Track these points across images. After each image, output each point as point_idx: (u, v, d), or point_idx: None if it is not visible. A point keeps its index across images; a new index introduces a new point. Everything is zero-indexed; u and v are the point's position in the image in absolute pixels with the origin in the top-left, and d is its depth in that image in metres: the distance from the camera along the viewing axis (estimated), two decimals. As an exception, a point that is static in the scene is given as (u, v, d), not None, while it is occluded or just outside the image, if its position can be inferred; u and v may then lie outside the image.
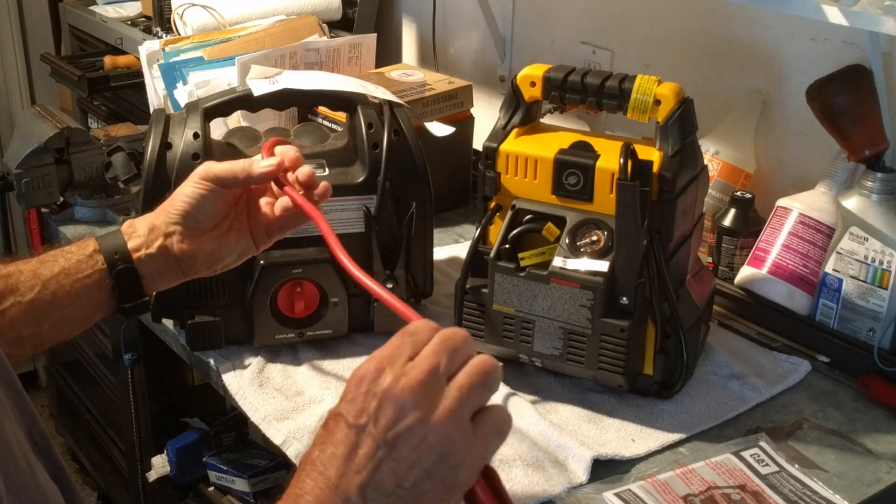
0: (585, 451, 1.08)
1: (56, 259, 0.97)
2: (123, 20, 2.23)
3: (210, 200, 0.99)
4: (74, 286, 0.95)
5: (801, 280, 1.33)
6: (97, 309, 0.97)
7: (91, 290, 0.96)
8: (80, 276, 0.96)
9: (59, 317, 0.94)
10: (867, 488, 1.07)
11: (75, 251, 0.98)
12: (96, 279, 0.96)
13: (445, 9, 2.01)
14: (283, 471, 1.68)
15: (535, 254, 1.16)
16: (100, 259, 0.97)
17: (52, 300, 0.93)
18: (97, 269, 0.96)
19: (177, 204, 0.99)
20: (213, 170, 0.99)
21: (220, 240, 1.00)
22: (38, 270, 0.95)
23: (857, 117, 1.26)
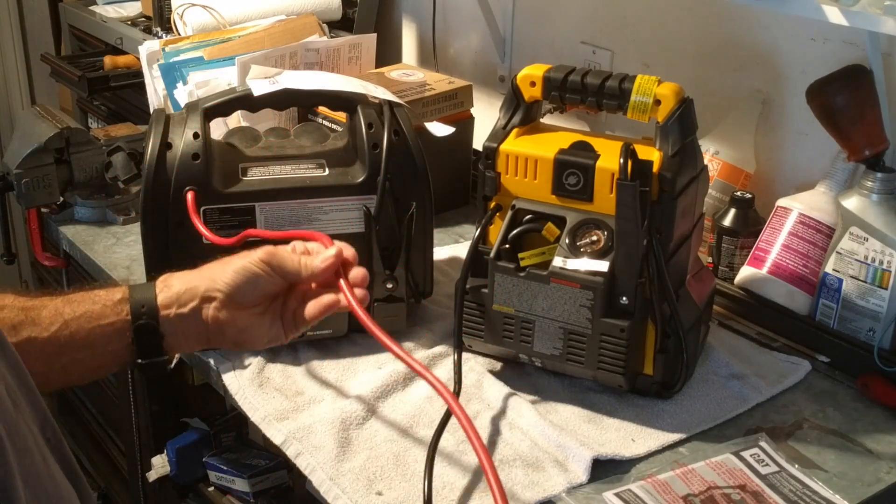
0: (585, 451, 1.08)
1: (82, 300, 0.93)
2: (123, 20, 2.23)
3: (262, 283, 0.96)
4: (94, 332, 0.91)
5: (801, 280, 1.33)
6: (112, 359, 0.93)
7: (109, 339, 0.92)
8: (102, 323, 0.92)
9: (71, 360, 0.90)
10: (867, 488, 1.07)
11: (103, 296, 0.94)
12: (117, 329, 0.92)
13: (445, 9, 2.01)
14: (283, 471, 1.68)
15: (535, 254, 1.16)
16: (125, 308, 0.93)
17: (69, 341, 0.90)
18: (120, 318, 0.92)
19: (228, 274, 0.95)
20: (279, 259, 0.96)
21: (254, 319, 0.96)
22: (61, 308, 0.92)
23: (857, 117, 1.26)
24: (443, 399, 0.86)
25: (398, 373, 1.22)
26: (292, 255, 0.98)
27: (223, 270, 0.96)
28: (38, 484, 0.67)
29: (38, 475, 0.68)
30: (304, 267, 0.96)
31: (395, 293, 1.28)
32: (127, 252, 1.57)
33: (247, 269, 0.95)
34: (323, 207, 1.25)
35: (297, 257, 0.97)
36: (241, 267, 0.96)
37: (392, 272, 1.27)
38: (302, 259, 0.97)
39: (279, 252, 0.97)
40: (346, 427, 1.13)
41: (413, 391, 1.21)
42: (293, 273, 0.96)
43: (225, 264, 0.96)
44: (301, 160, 1.28)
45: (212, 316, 0.95)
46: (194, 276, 0.97)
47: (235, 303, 0.95)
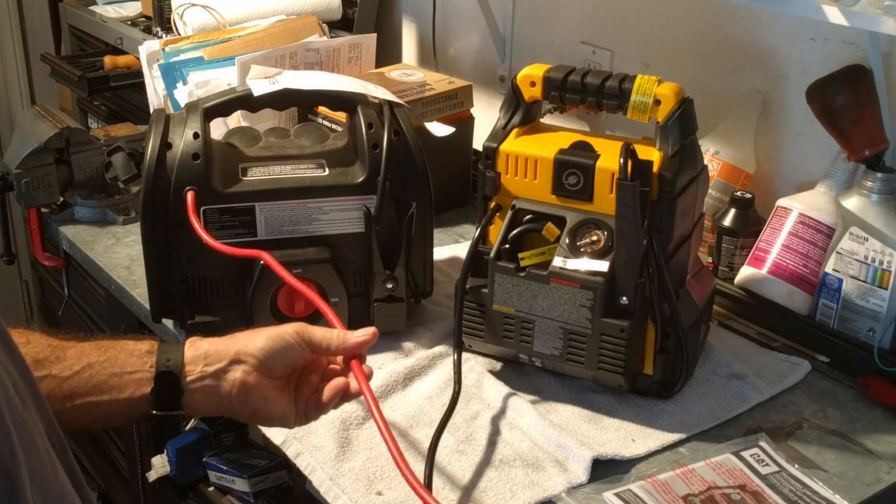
0: (585, 451, 1.08)
1: (110, 347, 0.93)
2: (123, 20, 2.24)
3: (293, 354, 0.95)
4: (115, 378, 0.90)
5: (801, 280, 1.33)
6: (127, 408, 0.91)
7: (128, 387, 0.91)
8: (125, 370, 0.91)
9: (86, 403, 0.89)
10: (867, 488, 1.07)
11: (131, 345, 0.93)
12: (138, 379, 0.91)
13: (445, 9, 2.01)
14: (283, 471, 1.68)
15: (535, 254, 1.16)
16: (151, 360, 0.92)
17: (87, 383, 0.89)
18: (144, 368, 0.91)
19: (262, 339, 0.94)
20: (310, 332, 0.95)
21: (276, 393, 0.95)
22: (87, 351, 0.91)
23: (857, 117, 1.26)
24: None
25: (398, 373, 1.22)
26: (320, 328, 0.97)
27: (255, 337, 0.95)
28: (44, 482, 0.68)
29: (45, 474, 0.68)
30: (335, 339, 0.96)
31: (395, 293, 1.28)
32: (127, 252, 1.57)
33: (280, 337, 0.94)
34: (323, 207, 1.25)
35: (325, 330, 0.96)
36: (276, 334, 0.95)
37: (392, 272, 1.27)
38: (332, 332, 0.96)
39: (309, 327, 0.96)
40: (346, 427, 1.13)
41: (413, 391, 1.21)
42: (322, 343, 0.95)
43: (257, 332, 0.96)
44: (301, 160, 1.28)
45: (240, 379, 0.93)
46: (225, 340, 0.96)
47: (266, 369, 0.94)
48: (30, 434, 0.67)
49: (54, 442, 0.74)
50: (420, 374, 1.23)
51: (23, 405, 0.69)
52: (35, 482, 0.65)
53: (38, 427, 0.71)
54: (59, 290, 2.41)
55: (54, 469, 0.70)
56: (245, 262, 1.20)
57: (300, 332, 0.95)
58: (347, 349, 0.96)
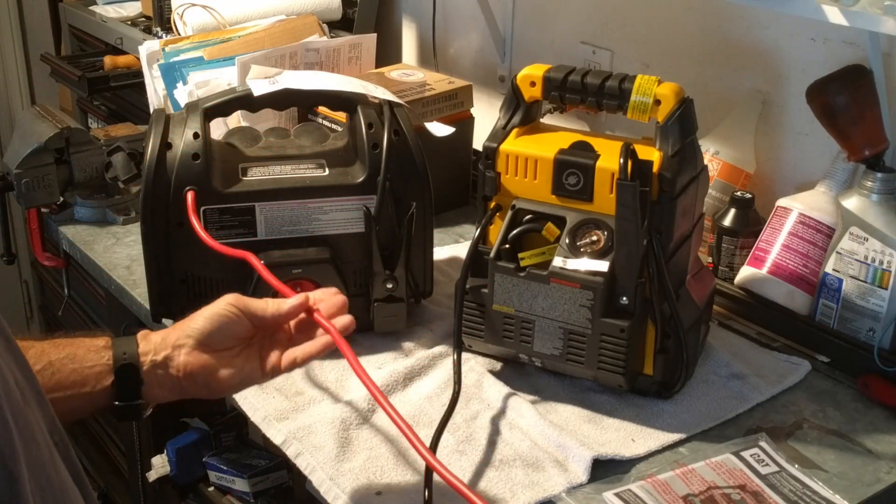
0: (585, 451, 1.08)
1: (67, 344, 0.96)
2: (123, 20, 2.23)
3: (233, 327, 0.98)
4: (75, 373, 0.94)
5: (801, 280, 1.33)
6: (90, 402, 0.95)
7: (89, 380, 0.95)
8: (85, 365, 0.95)
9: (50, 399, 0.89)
10: (867, 488, 1.07)
11: (87, 342, 0.97)
12: (97, 372, 0.95)
13: (445, 9, 2.01)
14: (283, 471, 1.68)
15: (535, 254, 1.16)
16: (108, 354, 0.96)
17: (50, 380, 0.92)
18: (102, 362, 0.95)
19: (197, 321, 0.99)
20: (245, 302, 0.99)
21: (226, 361, 0.99)
22: (47, 349, 0.94)
23: (857, 117, 1.26)
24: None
25: (398, 373, 1.22)
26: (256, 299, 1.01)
27: (194, 319, 0.99)
28: (43, 476, 0.68)
29: (45, 468, 0.69)
30: (272, 307, 1.00)
31: (395, 293, 1.28)
32: (127, 252, 1.57)
33: (215, 314, 0.98)
34: (323, 207, 1.25)
35: (261, 300, 1.00)
36: (211, 313, 0.99)
37: (392, 272, 1.27)
38: (267, 300, 1.01)
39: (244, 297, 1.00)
40: (346, 427, 1.13)
41: (413, 391, 1.21)
42: (259, 312, 0.99)
43: (196, 314, 1.00)
44: (301, 160, 1.28)
45: (183, 363, 0.97)
46: (169, 329, 1.00)
47: (205, 346, 0.98)
48: (29, 428, 0.68)
49: (56, 440, 0.75)
50: (420, 374, 1.23)
51: (23, 400, 0.69)
52: (34, 476, 0.66)
53: (40, 423, 0.71)
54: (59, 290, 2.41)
55: (55, 464, 0.71)
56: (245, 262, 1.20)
57: (235, 304, 0.99)
58: (283, 315, 1.00)
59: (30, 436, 0.67)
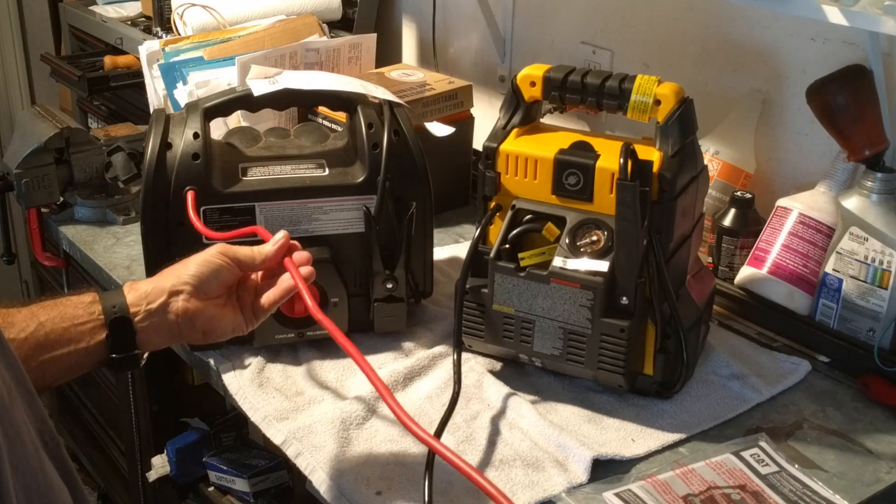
0: (585, 451, 1.08)
1: (55, 304, 0.98)
2: (123, 20, 2.24)
3: (223, 273, 1.03)
4: (69, 331, 0.96)
5: (801, 280, 1.33)
6: (86, 357, 0.97)
7: (83, 336, 0.97)
8: (76, 322, 0.97)
9: (48, 358, 0.94)
10: (867, 488, 1.07)
11: (74, 299, 0.99)
12: (90, 327, 0.97)
13: (445, 9, 2.01)
14: (283, 471, 1.68)
15: (535, 254, 1.16)
16: (97, 309, 0.98)
17: (45, 341, 0.94)
18: (93, 317, 0.97)
19: (192, 267, 1.02)
20: (233, 251, 1.04)
21: (218, 310, 1.03)
22: (35, 311, 0.96)
23: (857, 117, 1.26)
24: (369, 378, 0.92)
25: (398, 373, 1.22)
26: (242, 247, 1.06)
27: (186, 266, 1.03)
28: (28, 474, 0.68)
29: (30, 467, 0.68)
30: (257, 253, 1.05)
31: (395, 293, 1.28)
32: (127, 252, 1.57)
33: (208, 261, 1.03)
34: (323, 207, 1.25)
35: (247, 248, 1.06)
36: (203, 260, 1.03)
37: (392, 272, 1.27)
38: (253, 248, 1.06)
39: (231, 245, 1.06)
40: (346, 427, 1.13)
41: (413, 391, 1.21)
42: (247, 259, 1.04)
43: (185, 262, 1.04)
44: (301, 160, 1.28)
45: (181, 308, 1.00)
46: (158, 278, 1.03)
47: (202, 293, 1.02)
48: (14, 425, 0.68)
49: (47, 439, 0.75)
50: (420, 374, 1.23)
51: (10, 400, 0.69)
52: (18, 474, 0.66)
53: (27, 423, 0.71)
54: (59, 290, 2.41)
55: (41, 465, 0.71)
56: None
57: (224, 252, 1.04)
58: (271, 258, 1.05)
59: (15, 435, 0.67)
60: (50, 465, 0.73)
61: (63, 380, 0.98)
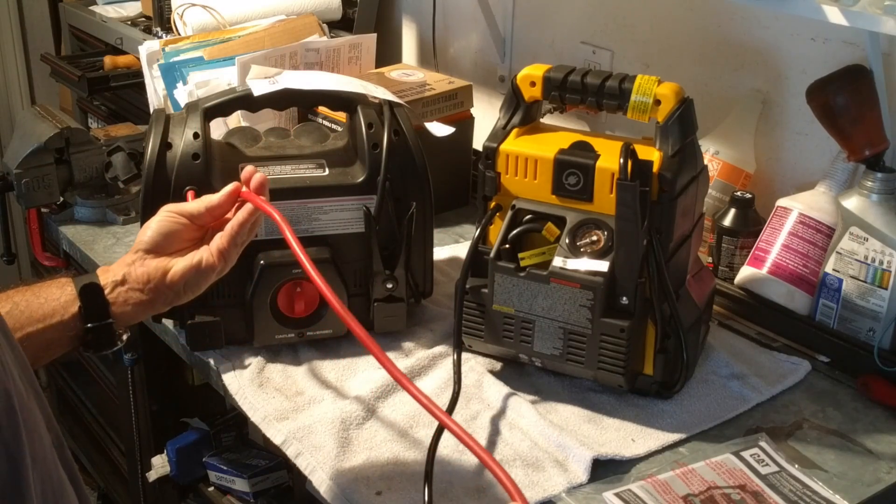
0: (585, 451, 1.08)
1: (29, 287, 1.01)
2: (123, 20, 2.23)
3: (174, 229, 1.05)
4: (43, 306, 0.99)
5: (801, 280, 1.33)
6: (62, 330, 0.99)
7: (57, 310, 0.99)
8: (50, 299, 0.99)
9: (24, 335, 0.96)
10: (867, 488, 1.07)
11: (49, 282, 1.02)
12: (63, 301, 1.00)
13: (445, 9, 2.01)
14: (283, 471, 1.68)
15: (535, 254, 1.16)
16: (69, 286, 1.01)
17: (20, 318, 0.96)
18: (66, 293, 1.00)
19: (143, 233, 1.05)
20: (181, 207, 1.07)
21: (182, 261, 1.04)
22: (10, 294, 0.99)
23: (857, 117, 1.26)
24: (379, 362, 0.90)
25: (398, 373, 1.22)
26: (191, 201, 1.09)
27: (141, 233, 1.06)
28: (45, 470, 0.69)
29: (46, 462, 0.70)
30: (205, 201, 1.07)
31: (395, 293, 1.28)
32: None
33: (155, 222, 1.05)
34: (323, 207, 1.25)
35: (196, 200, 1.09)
36: (153, 221, 1.06)
37: (392, 272, 1.27)
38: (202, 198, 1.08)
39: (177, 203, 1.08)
40: (346, 427, 1.13)
41: (413, 391, 1.21)
42: (195, 211, 1.07)
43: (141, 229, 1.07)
44: (301, 160, 1.28)
45: (139, 273, 1.03)
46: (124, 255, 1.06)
47: (158, 251, 1.04)
48: (34, 420, 0.68)
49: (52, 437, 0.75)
50: (420, 374, 1.23)
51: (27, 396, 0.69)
52: (37, 469, 0.67)
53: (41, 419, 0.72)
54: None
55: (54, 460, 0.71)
56: (245, 263, 1.20)
57: (171, 209, 1.07)
58: (217, 207, 1.07)
59: (33, 428, 0.68)
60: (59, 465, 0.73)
61: (42, 360, 1.00)
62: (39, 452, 0.68)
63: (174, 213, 1.06)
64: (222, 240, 1.05)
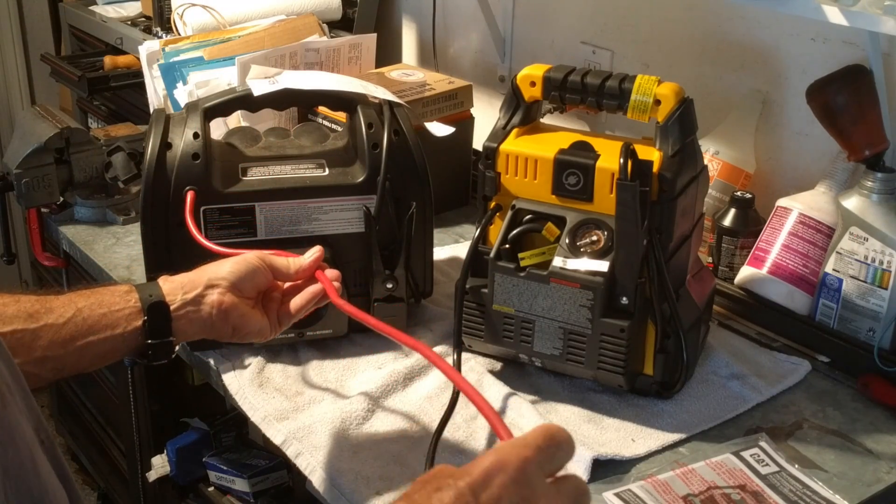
0: (585, 451, 1.08)
1: (92, 292, 1.00)
2: (123, 20, 2.24)
3: (259, 276, 1.06)
4: (106, 316, 0.98)
5: (801, 280, 1.33)
6: (122, 342, 0.99)
7: (120, 322, 0.99)
8: (113, 309, 0.99)
9: (85, 343, 0.96)
10: (867, 488, 1.07)
11: (111, 288, 1.02)
12: (127, 313, 1.00)
13: (445, 9, 2.01)
14: (283, 471, 1.68)
15: (535, 254, 1.16)
16: (134, 297, 1.00)
17: (83, 326, 0.97)
18: (130, 304, 1.00)
19: (229, 264, 1.05)
20: (270, 258, 1.08)
21: (249, 310, 1.05)
22: (73, 298, 0.99)
23: (857, 117, 1.26)
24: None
25: (398, 373, 1.22)
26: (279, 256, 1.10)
27: (223, 264, 1.06)
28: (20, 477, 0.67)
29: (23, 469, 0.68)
30: (293, 263, 1.08)
31: (395, 293, 1.28)
32: (127, 252, 1.57)
33: (246, 261, 1.06)
34: (323, 207, 1.25)
35: (283, 257, 1.09)
36: (241, 259, 1.06)
37: (392, 272, 1.27)
38: (289, 258, 1.09)
39: (267, 253, 1.09)
40: (346, 427, 1.13)
41: (413, 391, 1.21)
42: (282, 267, 1.08)
43: (222, 261, 1.07)
44: (301, 160, 1.28)
45: (216, 300, 1.03)
46: (195, 272, 1.06)
47: (237, 290, 1.04)
48: (9, 429, 0.67)
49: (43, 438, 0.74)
50: (420, 374, 1.23)
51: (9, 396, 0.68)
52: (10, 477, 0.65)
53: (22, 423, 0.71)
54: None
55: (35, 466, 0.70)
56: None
57: (262, 257, 1.07)
58: (305, 269, 1.08)
59: (8, 439, 0.67)
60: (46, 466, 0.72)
61: (98, 365, 1.00)
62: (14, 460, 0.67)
63: (264, 261, 1.07)
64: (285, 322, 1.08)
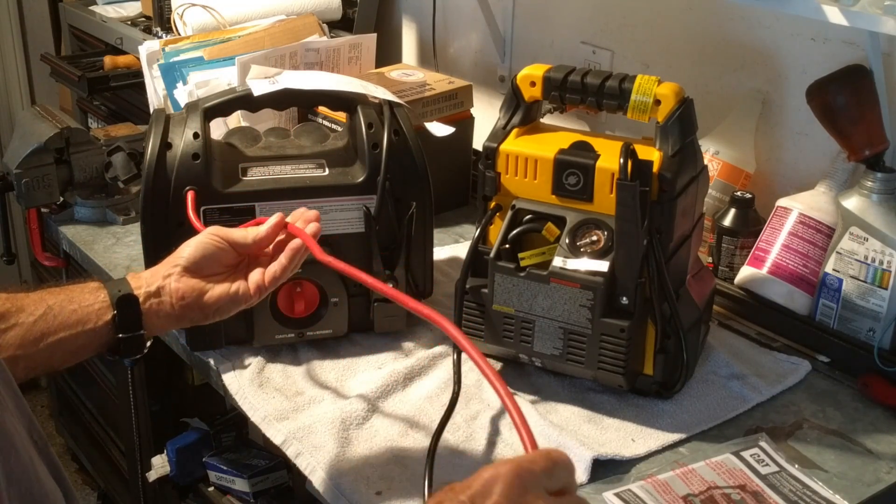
0: (585, 451, 1.08)
1: (62, 290, 1.01)
2: (123, 20, 2.23)
3: (216, 253, 1.06)
4: (76, 312, 0.99)
5: (801, 280, 1.33)
6: (93, 337, 1.00)
7: (90, 317, 1.00)
8: (83, 305, 1.00)
9: (56, 340, 0.97)
10: (867, 488, 1.07)
11: (81, 285, 1.03)
12: (97, 308, 1.01)
13: (445, 9, 2.01)
14: (283, 471, 1.68)
15: (535, 254, 1.16)
16: (103, 293, 1.02)
17: (53, 322, 0.97)
18: (99, 300, 1.01)
19: (184, 250, 1.06)
20: (227, 231, 1.08)
21: (218, 286, 1.05)
22: (44, 296, 0.99)
23: (857, 117, 1.26)
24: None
25: (398, 373, 1.22)
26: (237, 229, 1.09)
27: (181, 249, 1.07)
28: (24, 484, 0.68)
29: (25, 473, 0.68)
30: (251, 231, 1.08)
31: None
32: (127, 252, 1.57)
33: (200, 243, 1.06)
34: (323, 207, 1.25)
35: (241, 228, 1.09)
36: (196, 242, 1.06)
37: (392, 272, 1.27)
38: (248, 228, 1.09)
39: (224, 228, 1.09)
40: (346, 427, 1.13)
41: (413, 391, 1.21)
42: (240, 239, 1.07)
43: (183, 245, 1.07)
44: (301, 160, 1.28)
45: (174, 289, 1.04)
46: (159, 265, 1.07)
47: (194, 272, 1.05)
48: (7, 434, 0.67)
49: (36, 439, 0.74)
50: (420, 374, 1.23)
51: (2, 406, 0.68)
52: (13, 484, 0.66)
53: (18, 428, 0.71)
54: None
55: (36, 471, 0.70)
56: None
57: (216, 233, 1.07)
58: (263, 238, 1.07)
59: (9, 445, 0.67)
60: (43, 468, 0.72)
61: (69, 363, 1.01)
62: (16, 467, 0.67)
63: (219, 237, 1.06)
64: (265, 278, 1.06)
